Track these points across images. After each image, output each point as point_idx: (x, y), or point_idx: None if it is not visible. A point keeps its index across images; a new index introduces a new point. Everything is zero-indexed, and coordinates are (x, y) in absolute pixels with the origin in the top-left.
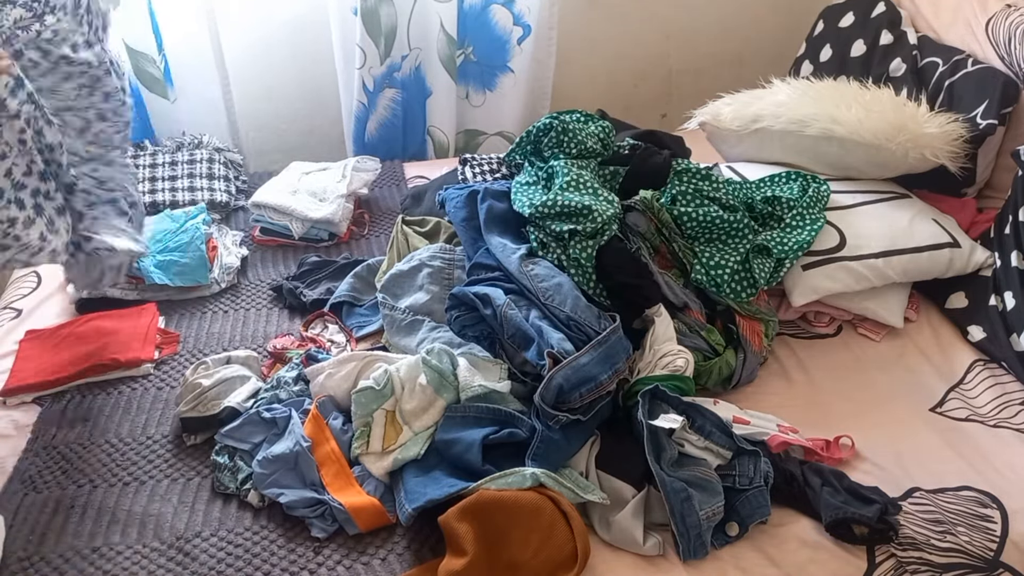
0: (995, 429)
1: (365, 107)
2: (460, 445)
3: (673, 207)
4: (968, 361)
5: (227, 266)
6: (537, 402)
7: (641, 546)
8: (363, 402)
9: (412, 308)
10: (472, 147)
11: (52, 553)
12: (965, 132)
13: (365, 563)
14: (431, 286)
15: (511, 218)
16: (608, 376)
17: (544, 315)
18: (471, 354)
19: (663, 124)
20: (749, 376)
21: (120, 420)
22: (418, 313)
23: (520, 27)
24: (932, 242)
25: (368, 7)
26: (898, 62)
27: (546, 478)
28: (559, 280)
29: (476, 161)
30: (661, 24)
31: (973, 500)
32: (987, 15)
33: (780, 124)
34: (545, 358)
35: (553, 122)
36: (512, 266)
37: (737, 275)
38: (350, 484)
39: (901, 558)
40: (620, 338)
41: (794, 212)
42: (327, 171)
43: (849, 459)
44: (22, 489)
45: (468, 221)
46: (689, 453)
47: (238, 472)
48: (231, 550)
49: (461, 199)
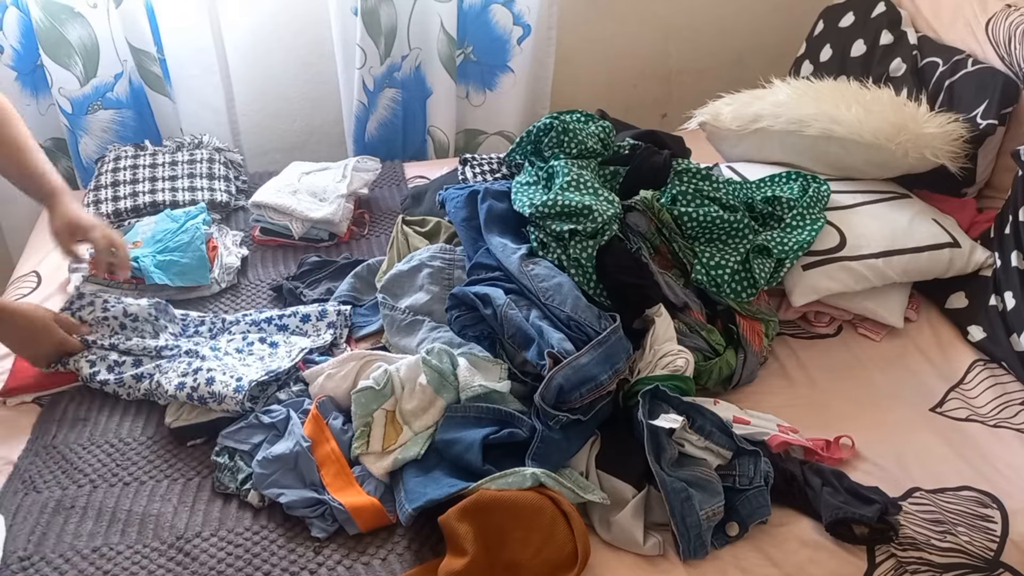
0: (995, 429)
1: (365, 107)
2: (460, 445)
3: (673, 207)
4: (968, 361)
5: (227, 266)
6: (537, 402)
7: (641, 546)
8: (363, 402)
9: (412, 308)
10: (472, 147)
11: (52, 553)
12: (965, 132)
13: (365, 563)
14: (431, 286)
15: (511, 218)
16: (608, 376)
17: (544, 315)
18: (471, 354)
19: (663, 124)
20: (749, 376)
21: (120, 420)
22: (418, 313)
23: (520, 27)
24: (932, 242)
25: (368, 7)
26: (898, 62)
27: (546, 478)
28: (559, 280)
29: (476, 161)
30: (661, 24)
31: (973, 500)
32: (987, 15)
33: (780, 124)
34: (545, 358)
35: (553, 122)
36: (512, 266)
37: (737, 275)
38: (350, 484)
39: (901, 558)
40: (620, 338)
41: (794, 212)
42: (327, 171)
43: (849, 459)
44: (22, 489)
45: (468, 221)
46: (689, 453)
47: (238, 472)
48: (231, 550)
49: (461, 199)
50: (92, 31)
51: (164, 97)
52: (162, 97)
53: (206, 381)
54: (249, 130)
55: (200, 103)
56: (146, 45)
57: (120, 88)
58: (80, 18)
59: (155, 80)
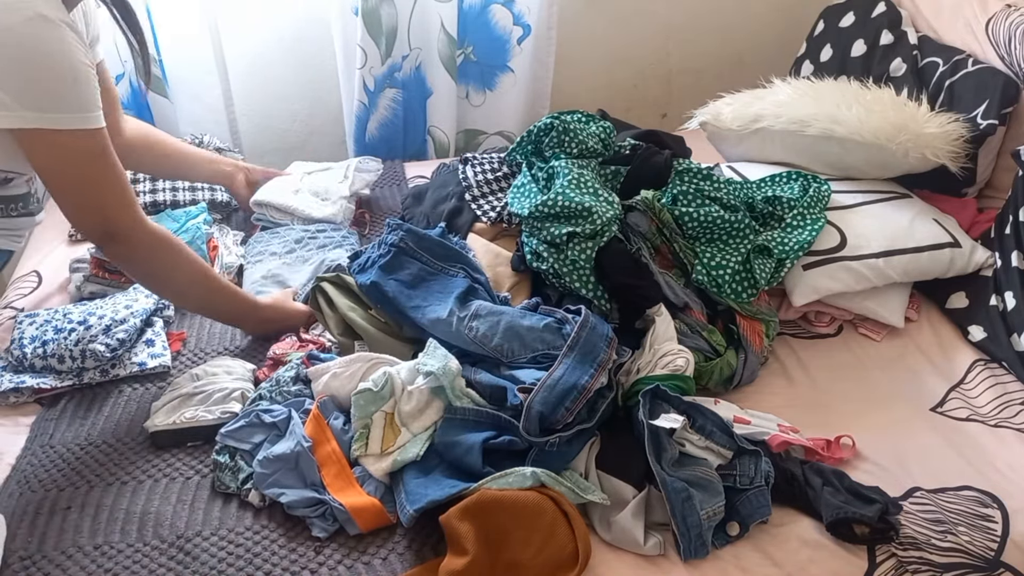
0: (996, 429)
1: (366, 107)
2: (461, 447)
3: (674, 207)
4: (969, 361)
5: (228, 266)
6: (524, 436)
7: (642, 546)
8: (362, 404)
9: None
10: (472, 147)
11: (54, 551)
12: (965, 132)
13: (366, 563)
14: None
15: (416, 277)
16: (591, 375)
17: (510, 368)
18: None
19: (663, 124)
20: (750, 376)
21: (120, 420)
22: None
23: (520, 27)
24: (933, 242)
25: (369, 7)
26: (898, 62)
27: (547, 478)
28: (502, 321)
29: (477, 160)
30: (661, 24)
31: (974, 500)
32: (987, 15)
33: (781, 124)
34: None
35: (554, 122)
36: (460, 340)
37: (738, 275)
38: (351, 484)
39: (902, 558)
40: (592, 329)
41: (795, 212)
42: (329, 171)
43: (850, 459)
44: (19, 489)
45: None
46: (690, 453)
47: (239, 471)
48: (232, 549)
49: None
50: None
51: (163, 98)
52: (161, 98)
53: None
54: (249, 130)
55: (199, 104)
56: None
57: (121, 89)
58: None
59: (154, 81)
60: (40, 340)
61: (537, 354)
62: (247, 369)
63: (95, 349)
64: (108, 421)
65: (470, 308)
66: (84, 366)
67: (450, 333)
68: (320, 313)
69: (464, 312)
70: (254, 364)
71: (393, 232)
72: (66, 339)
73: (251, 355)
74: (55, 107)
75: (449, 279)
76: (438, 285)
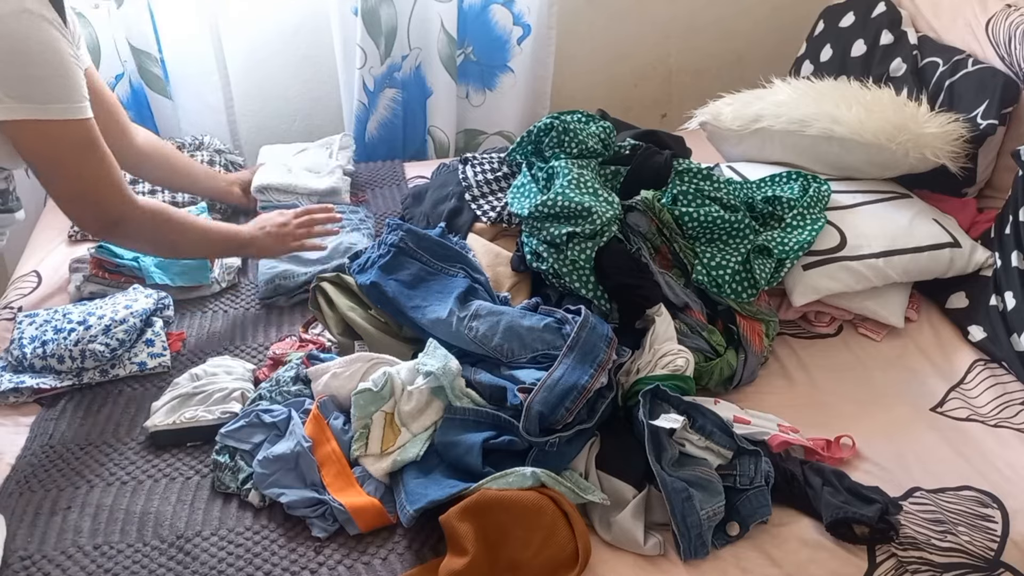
0: (996, 429)
1: (366, 107)
2: (460, 448)
3: (674, 207)
4: (969, 361)
5: (228, 266)
6: (524, 436)
7: (642, 546)
8: (361, 404)
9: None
10: (472, 147)
11: (54, 550)
12: (965, 132)
13: (366, 563)
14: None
15: (416, 277)
16: (591, 375)
17: (510, 368)
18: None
19: (663, 124)
20: (750, 376)
21: (120, 420)
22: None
23: (520, 27)
24: (932, 242)
25: (368, 7)
26: (898, 62)
27: (546, 477)
28: (502, 321)
29: (477, 160)
30: (661, 24)
31: (974, 500)
32: (987, 15)
33: (781, 124)
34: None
35: (554, 122)
36: (460, 340)
37: (738, 275)
38: (351, 484)
39: (902, 558)
40: (592, 329)
41: (795, 212)
42: (306, 151)
43: (850, 459)
44: (19, 489)
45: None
46: (690, 453)
47: (239, 471)
48: (232, 549)
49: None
50: (94, 32)
51: (164, 98)
52: (162, 98)
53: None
54: (249, 130)
55: (200, 103)
56: (147, 46)
57: (121, 89)
58: (82, 19)
59: (155, 81)
60: (40, 340)
61: (537, 354)
62: (247, 369)
63: (95, 349)
64: (108, 421)
65: (470, 308)
66: (84, 366)
67: (450, 333)
68: (320, 313)
69: (464, 312)
70: (254, 364)
71: (393, 232)
72: (66, 339)
73: (251, 355)
74: (43, 98)
75: (449, 279)
76: (438, 285)
